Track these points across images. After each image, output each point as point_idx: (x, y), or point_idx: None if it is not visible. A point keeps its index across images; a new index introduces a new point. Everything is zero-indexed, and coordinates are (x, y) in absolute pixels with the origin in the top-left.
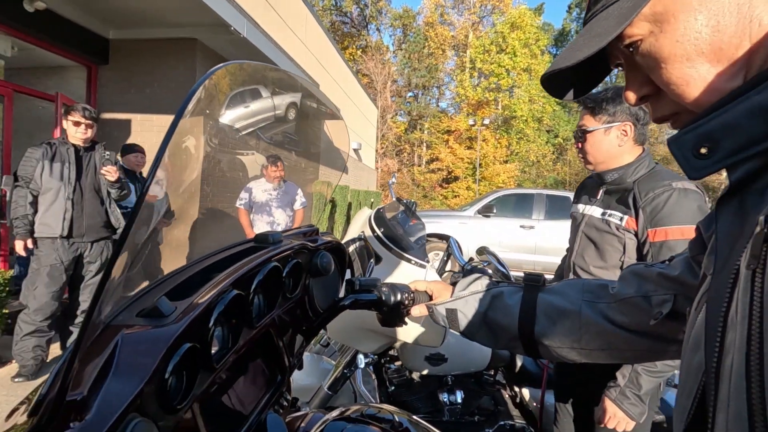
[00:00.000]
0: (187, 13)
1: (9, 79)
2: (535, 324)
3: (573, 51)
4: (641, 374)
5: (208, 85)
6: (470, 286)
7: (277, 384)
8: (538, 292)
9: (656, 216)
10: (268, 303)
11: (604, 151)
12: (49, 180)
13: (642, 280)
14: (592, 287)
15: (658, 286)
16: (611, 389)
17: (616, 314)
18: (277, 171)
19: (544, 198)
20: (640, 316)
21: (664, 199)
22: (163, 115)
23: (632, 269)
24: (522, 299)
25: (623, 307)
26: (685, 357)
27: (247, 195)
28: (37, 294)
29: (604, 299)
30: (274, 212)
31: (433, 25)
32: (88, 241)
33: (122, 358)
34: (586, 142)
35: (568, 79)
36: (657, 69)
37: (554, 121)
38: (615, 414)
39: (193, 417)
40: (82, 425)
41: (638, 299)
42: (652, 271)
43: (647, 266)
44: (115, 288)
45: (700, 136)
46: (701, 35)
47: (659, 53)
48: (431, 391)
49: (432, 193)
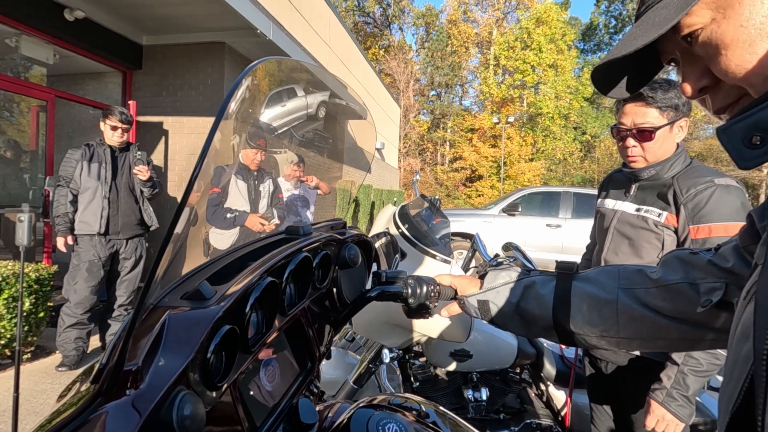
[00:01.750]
0: (216, 18)
1: (51, 86)
2: (570, 313)
3: (629, 41)
4: (688, 375)
5: (246, 84)
6: (501, 277)
7: (308, 370)
8: (572, 280)
9: (699, 213)
10: (299, 292)
11: (666, 149)
12: (88, 180)
13: (689, 266)
14: (629, 273)
15: (707, 274)
16: (657, 391)
17: (656, 300)
18: (298, 171)
19: (572, 196)
20: (683, 302)
21: (707, 196)
22: (194, 117)
23: (678, 255)
24: (555, 289)
25: (666, 293)
26: (733, 347)
27: None
28: (78, 288)
29: (642, 285)
30: (299, 212)
31: (456, 23)
32: (123, 238)
33: (170, 335)
34: (652, 141)
35: (618, 75)
36: (717, 57)
37: (582, 117)
38: (663, 417)
39: (231, 398)
40: (137, 393)
41: (684, 285)
42: (701, 259)
43: (693, 253)
44: (162, 274)
45: (753, 125)
46: (767, 19)
47: (721, 39)
48: (456, 387)
49: (455, 192)
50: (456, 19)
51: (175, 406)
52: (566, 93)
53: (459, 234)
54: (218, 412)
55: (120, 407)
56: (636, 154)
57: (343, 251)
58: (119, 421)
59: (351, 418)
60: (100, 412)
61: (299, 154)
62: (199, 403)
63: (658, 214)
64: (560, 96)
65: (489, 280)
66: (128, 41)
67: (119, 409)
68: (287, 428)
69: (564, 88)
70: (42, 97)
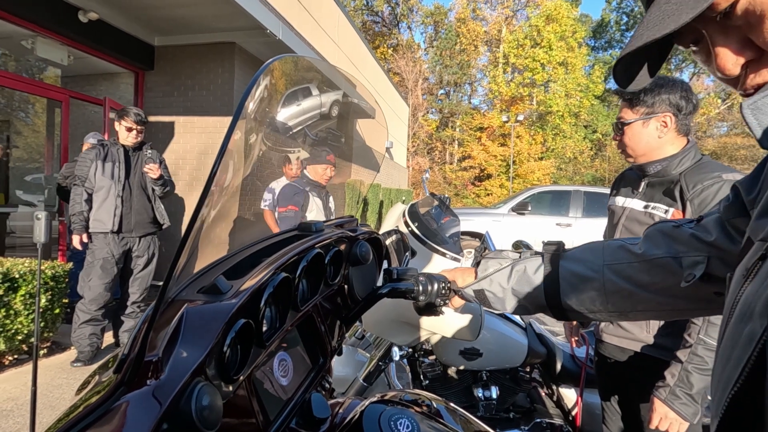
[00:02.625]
0: (226, 19)
1: (65, 86)
2: (560, 293)
3: (656, 25)
4: (692, 372)
5: (264, 83)
6: (492, 264)
7: (320, 366)
8: (559, 260)
9: (705, 208)
10: (312, 288)
11: (644, 144)
12: (102, 179)
13: (672, 240)
14: (612, 249)
15: (689, 247)
16: (660, 389)
17: (641, 275)
18: (297, 168)
19: (582, 195)
20: (668, 277)
21: (714, 191)
22: (204, 117)
23: (660, 228)
24: (544, 270)
25: (650, 267)
26: (730, 327)
27: (270, 196)
28: (92, 285)
29: (625, 260)
30: None
31: (465, 21)
32: (136, 236)
33: (188, 328)
34: (625, 135)
35: (634, 66)
36: (760, 25)
37: (592, 116)
38: (666, 415)
39: (246, 392)
40: (158, 383)
41: (668, 260)
42: (683, 232)
43: (677, 226)
44: (181, 268)
45: None
46: None
47: (763, 5)
48: (466, 386)
49: (464, 191)
50: (465, 17)
51: (193, 397)
52: (576, 91)
53: (468, 233)
54: (234, 404)
55: (141, 397)
56: (621, 148)
57: (354, 248)
58: (141, 410)
59: (363, 413)
60: (123, 401)
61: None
62: (216, 394)
63: (664, 210)
64: (570, 94)
65: (482, 269)
66: (140, 42)
67: (141, 399)
68: (300, 422)
69: (574, 86)
70: (57, 97)
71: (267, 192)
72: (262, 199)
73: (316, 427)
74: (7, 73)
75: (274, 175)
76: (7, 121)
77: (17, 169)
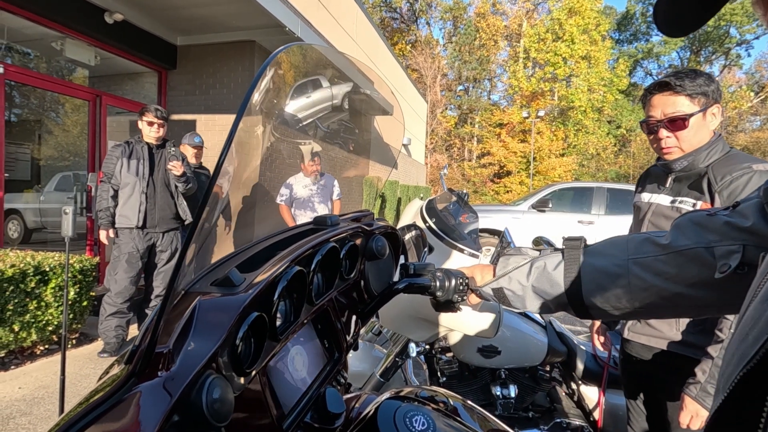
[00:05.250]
0: (246, 17)
1: (92, 86)
2: (582, 291)
3: None
4: None
5: (270, 75)
6: (511, 261)
7: (335, 361)
8: (581, 255)
9: (735, 200)
10: (327, 282)
11: (700, 138)
12: (127, 175)
13: (702, 229)
14: (637, 243)
15: (723, 236)
16: (691, 386)
17: (669, 268)
18: (314, 165)
19: (605, 192)
20: (699, 269)
21: (744, 182)
22: (225, 114)
23: (691, 218)
24: (565, 267)
25: (678, 259)
26: (753, 306)
27: (287, 191)
28: (118, 279)
29: (651, 253)
30: (317, 207)
31: (485, 16)
32: (160, 231)
33: (200, 320)
34: (687, 129)
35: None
36: None
37: (616, 111)
38: (697, 413)
39: (260, 385)
40: (168, 374)
41: (699, 250)
42: (716, 220)
43: (710, 214)
44: (191, 261)
45: None
46: None
47: None
48: (484, 384)
49: (483, 188)
50: (484, 11)
51: (204, 389)
52: (600, 85)
53: (487, 230)
54: (247, 398)
55: (152, 388)
56: (670, 145)
57: (370, 242)
58: (152, 401)
59: (378, 408)
60: (134, 391)
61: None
62: (228, 387)
63: (692, 204)
64: (593, 89)
65: (501, 267)
66: (163, 42)
67: (152, 390)
68: (314, 417)
69: (597, 81)
70: (84, 97)
71: (284, 187)
72: (278, 194)
73: (331, 421)
74: (38, 74)
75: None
76: (39, 121)
77: (48, 166)
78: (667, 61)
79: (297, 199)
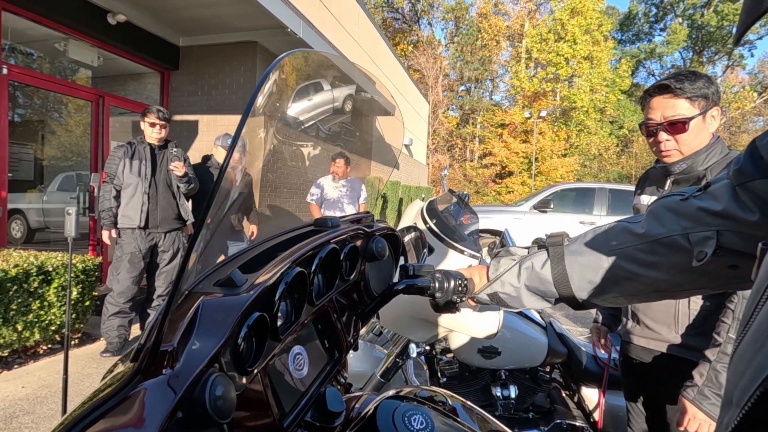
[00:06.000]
0: (248, 18)
1: (95, 87)
2: (572, 286)
3: None
4: (721, 372)
5: (274, 79)
6: (501, 265)
7: (336, 361)
8: (564, 254)
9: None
10: (327, 283)
11: (700, 141)
12: (129, 176)
13: (677, 215)
14: (616, 233)
15: (696, 222)
16: (688, 389)
17: (649, 256)
18: (344, 168)
19: (607, 192)
20: (678, 255)
21: None
22: (227, 115)
23: (664, 204)
24: (551, 265)
25: (657, 248)
26: (764, 312)
27: (318, 191)
28: (120, 279)
29: (631, 243)
30: (345, 207)
31: (487, 16)
32: (162, 231)
33: (203, 319)
34: (687, 132)
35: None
36: None
37: (618, 111)
38: (695, 416)
39: (261, 384)
40: (173, 372)
41: (674, 238)
42: (689, 206)
43: (683, 198)
44: (195, 262)
45: None
46: None
47: None
48: (484, 384)
49: (485, 188)
50: (486, 12)
51: (207, 387)
52: (602, 86)
53: (488, 231)
54: (248, 396)
55: (157, 385)
56: (670, 148)
57: (370, 244)
58: (156, 398)
59: (377, 408)
60: (139, 389)
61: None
62: (230, 385)
63: None
64: (596, 89)
65: (492, 271)
66: (166, 43)
67: (156, 387)
68: (315, 415)
69: (600, 81)
70: (87, 97)
71: (315, 187)
72: (309, 193)
73: (331, 420)
74: (41, 74)
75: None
76: (42, 121)
77: (51, 167)
78: (669, 61)
79: (327, 199)
